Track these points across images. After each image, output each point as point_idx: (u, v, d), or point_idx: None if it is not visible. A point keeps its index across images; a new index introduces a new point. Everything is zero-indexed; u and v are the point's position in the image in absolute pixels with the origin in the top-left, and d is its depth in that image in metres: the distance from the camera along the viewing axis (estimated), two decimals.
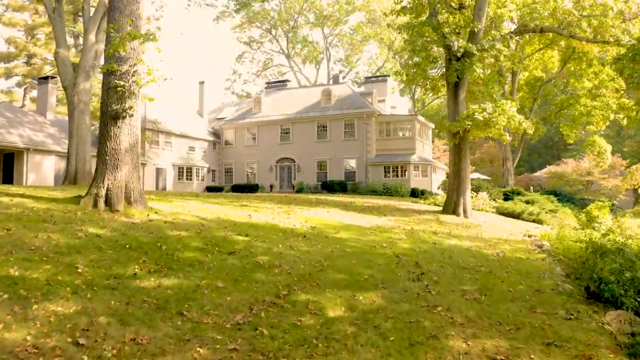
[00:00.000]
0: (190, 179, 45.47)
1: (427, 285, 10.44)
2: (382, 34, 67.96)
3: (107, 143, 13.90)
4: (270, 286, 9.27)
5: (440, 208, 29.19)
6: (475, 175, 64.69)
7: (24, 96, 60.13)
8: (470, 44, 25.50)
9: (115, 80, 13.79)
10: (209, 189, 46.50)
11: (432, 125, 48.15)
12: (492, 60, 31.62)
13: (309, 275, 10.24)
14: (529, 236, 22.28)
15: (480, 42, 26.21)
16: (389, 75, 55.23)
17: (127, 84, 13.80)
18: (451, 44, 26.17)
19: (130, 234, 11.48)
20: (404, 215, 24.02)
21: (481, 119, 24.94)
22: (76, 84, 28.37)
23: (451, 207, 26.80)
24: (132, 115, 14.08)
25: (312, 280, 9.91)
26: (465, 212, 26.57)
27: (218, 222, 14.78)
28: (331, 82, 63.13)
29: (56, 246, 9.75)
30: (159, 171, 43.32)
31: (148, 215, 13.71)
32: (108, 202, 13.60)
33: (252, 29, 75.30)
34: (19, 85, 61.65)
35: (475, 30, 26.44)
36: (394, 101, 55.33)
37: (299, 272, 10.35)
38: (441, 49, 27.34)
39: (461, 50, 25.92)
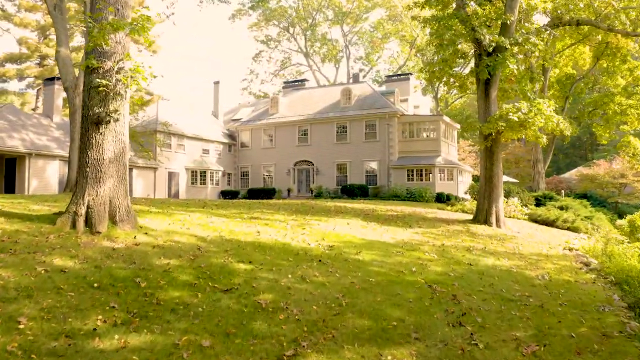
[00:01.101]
0: (204, 184, 43.57)
1: (471, 334, 8.23)
2: (403, 30, 65.62)
3: (88, 152, 11.88)
4: (272, 342, 7.14)
5: (470, 216, 26.96)
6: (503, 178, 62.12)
7: (37, 98, 58.79)
8: (502, 38, 23.22)
9: (97, 79, 11.76)
10: (224, 194, 44.58)
11: (458, 126, 45.78)
12: (521, 56, 29.31)
13: (322, 322, 8.07)
14: (569, 249, 20.17)
15: (513, 36, 23.94)
16: (411, 74, 52.83)
17: (111, 84, 11.76)
18: (481, 37, 23.80)
19: (106, 265, 9.41)
20: (432, 227, 21.79)
21: (516, 119, 22.61)
22: (78, 85, 26.59)
23: (482, 216, 24.49)
24: (117, 120, 12.04)
25: (327, 331, 7.75)
26: (497, 221, 24.25)
27: (219, 243, 12.67)
28: (351, 81, 60.96)
29: (2, 288, 7.70)
30: (171, 175, 41.49)
31: (135, 237, 11.65)
32: (89, 222, 11.57)
33: (269, 27, 73.34)
34: (31, 86, 60.40)
35: (508, 22, 24.15)
36: (416, 100, 52.91)
37: (311, 318, 8.19)
38: (470, 43, 25.13)
39: (493, 44, 23.56)
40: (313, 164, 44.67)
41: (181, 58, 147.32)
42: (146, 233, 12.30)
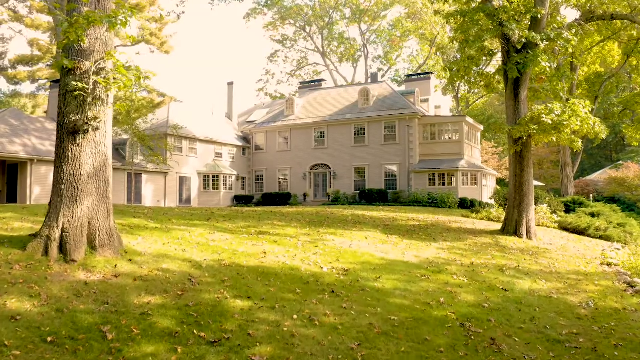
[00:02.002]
0: (217, 188, 42.02)
1: None
2: (423, 28, 63.56)
3: (64, 167, 10.27)
4: None
5: (496, 225, 25.15)
6: None
7: (49, 101, 57.81)
8: (533, 33, 21.30)
9: (73, 82, 10.13)
10: (238, 199, 43.00)
11: (481, 127, 43.75)
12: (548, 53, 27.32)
13: None
14: (607, 264, 18.24)
15: (544, 31, 22.01)
16: (432, 73, 50.87)
17: (88, 87, 10.10)
18: (510, 33, 21.91)
19: (70, 308, 7.75)
20: (457, 239, 19.93)
21: (549, 122, 20.68)
22: None
23: (512, 227, 22.55)
24: (97, 129, 10.40)
25: None
26: (528, 233, 22.33)
27: (216, 271, 10.96)
28: (369, 80, 59.10)
29: None
30: (182, 180, 39.99)
31: (116, 266, 9.98)
32: (63, 247, 9.93)
33: (285, 26, 71.66)
34: (42, 89, 59.44)
35: (539, 16, 22.23)
36: (437, 100, 50.96)
37: None
38: (496, 39, 23.28)
39: (523, 40, 21.67)
40: (330, 168, 42.95)
41: (195, 59, 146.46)
42: (131, 260, 10.61)
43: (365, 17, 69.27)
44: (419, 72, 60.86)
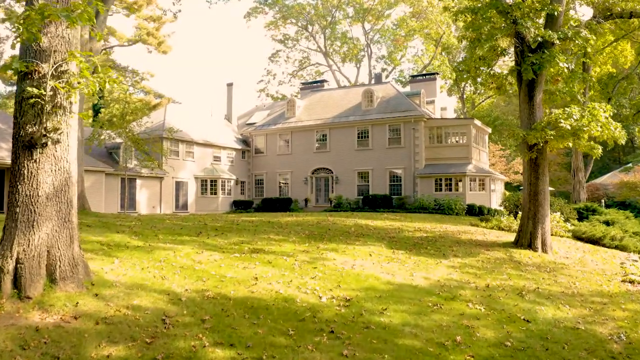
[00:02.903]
0: (215, 193, 40.58)
1: None
2: (428, 27, 61.97)
3: (19, 187, 8.82)
4: None
5: (508, 235, 23.81)
6: None
7: None
8: (550, 32, 19.81)
9: (29, 88, 8.66)
10: (236, 204, 41.57)
11: (489, 130, 42.26)
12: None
13: None
14: (630, 282, 16.93)
15: (561, 29, 20.53)
16: (437, 73, 49.35)
17: (45, 93, 8.65)
18: (525, 31, 20.39)
19: None
20: (469, 254, 18.45)
21: (568, 127, 19.17)
22: None
23: (526, 239, 21.03)
24: (58, 142, 8.97)
25: None
26: (544, 245, 20.82)
27: (197, 305, 9.48)
28: (373, 81, 57.61)
29: None
30: (179, 185, 38.57)
31: (77, 304, 8.52)
32: (17, 281, 8.47)
33: (287, 25, 70.10)
34: None
35: (556, 14, 20.75)
36: (443, 101, 49.40)
37: None
38: (509, 38, 21.74)
39: (539, 39, 20.13)
40: (332, 172, 41.48)
41: (194, 59, 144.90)
42: (97, 294, 9.13)
43: (369, 16, 67.71)
44: (424, 72, 59.38)
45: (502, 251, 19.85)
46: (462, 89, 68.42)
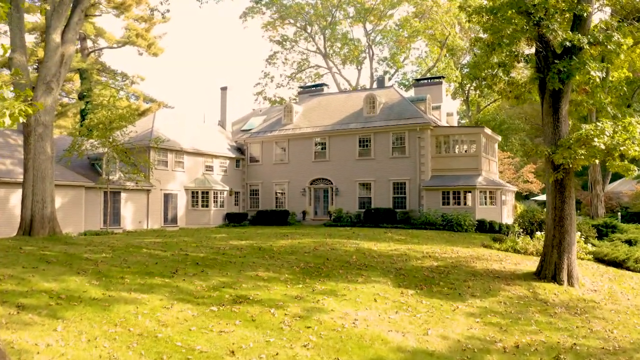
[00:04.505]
0: (207, 206, 38.06)
1: None
2: (433, 28, 59.38)
3: None
4: None
5: (527, 262, 21.56)
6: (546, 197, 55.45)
7: None
8: (579, 35, 17.34)
9: None
10: (230, 217, 39.04)
11: (499, 138, 39.74)
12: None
13: None
14: None
15: (591, 32, 18.05)
16: (443, 77, 46.83)
17: None
18: (551, 34, 17.91)
19: None
20: (488, 293, 15.98)
21: (602, 147, 16.63)
22: (33, 99, 21.11)
23: (550, 270, 18.54)
24: None
25: None
26: (570, 277, 18.36)
27: None
28: (375, 85, 55.06)
29: None
30: (168, 197, 36.06)
31: None
32: None
33: (285, 26, 67.47)
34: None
35: (585, 15, 18.26)
36: (449, 106, 46.82)
37: None
38: (532, 42, 19.23)
39: (567, 43, 17.59)
40: (332, 183, 38.96)
41: (187, 62, 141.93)
42: None
43: (371, 16, 65.11)
44: (429, 76, 56.87)
45: (524, 286, 17.41)
46: (466, 92, 65.94)
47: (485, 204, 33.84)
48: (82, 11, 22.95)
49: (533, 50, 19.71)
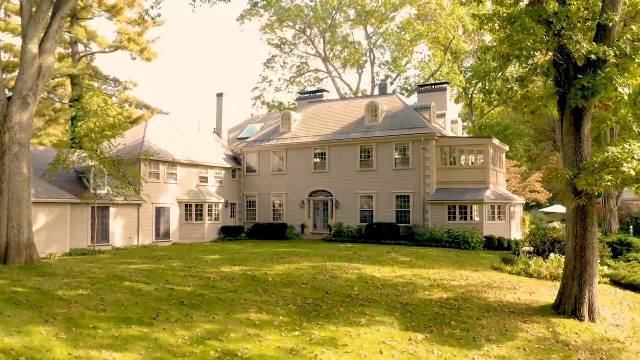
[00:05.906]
0: (201, 219, 36.39)
1: None
2: (436, 31, 57.65)
3: None
4: None
5: (542, 289, 20.07)
6: (554, 208, 53.89)
7: None
8: (604, 47, 15.67)
9: None
10: (225, 231, 37.38)
11: (506, 148, 38.06)
12: None
13: None
14: None
15: (616, 44, 16.34)
16: (447, 83, 45.13)
17: None
18: (572, 45, 16.17)
19: None
20: (503, 334, 14.33)
21: (633, 173, 14.95)
22: (8, 115, 19.47)
23: (569, 304, 16.84)
24: None
25: None
26: (591, 312, 16.67)
27: None
28: (377, 91, 53.33)
29: None
30: (159, 211, 34.38)
31: None
32: None
33: (284, 28, 65.66)
34: None
35: (610, 24, 16.55)
36: (453, 114, 45.10)
37: None
38: (551, 53, 17.53)
39: (591, 55, 15.88)
40: (332, 195, 37.28)
41: (182, 67, 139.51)
42: None
43: (372, 19, 63.33)
44: (432, 81, 55.15)
45: (542, 323, 15.77)
46: (469, 96, 64.25)
47: (494, 219, 32.15)
48: (62, 18, 21.27)
49: (547, 58, 18.10)
